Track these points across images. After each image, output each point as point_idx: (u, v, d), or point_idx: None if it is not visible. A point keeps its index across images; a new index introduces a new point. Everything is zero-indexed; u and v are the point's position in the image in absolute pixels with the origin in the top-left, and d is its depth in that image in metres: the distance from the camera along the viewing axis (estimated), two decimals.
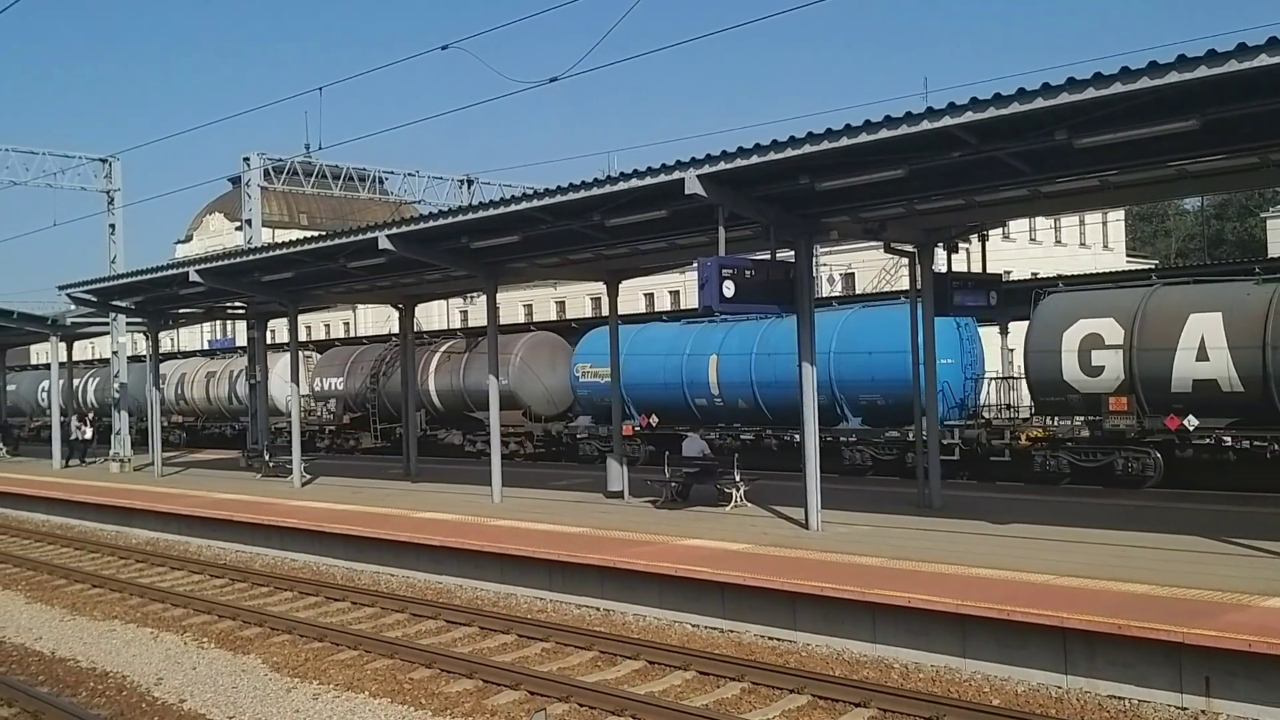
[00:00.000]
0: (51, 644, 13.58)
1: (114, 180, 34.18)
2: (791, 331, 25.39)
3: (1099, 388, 20.37)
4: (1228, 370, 18.79)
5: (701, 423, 27.37)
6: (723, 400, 27.23)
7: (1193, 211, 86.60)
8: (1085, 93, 10.72)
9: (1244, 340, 18.54)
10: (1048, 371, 20.98)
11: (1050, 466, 21.44)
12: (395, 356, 35.38)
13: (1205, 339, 19.01)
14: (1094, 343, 20.37)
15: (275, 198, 70.39)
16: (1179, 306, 19.59)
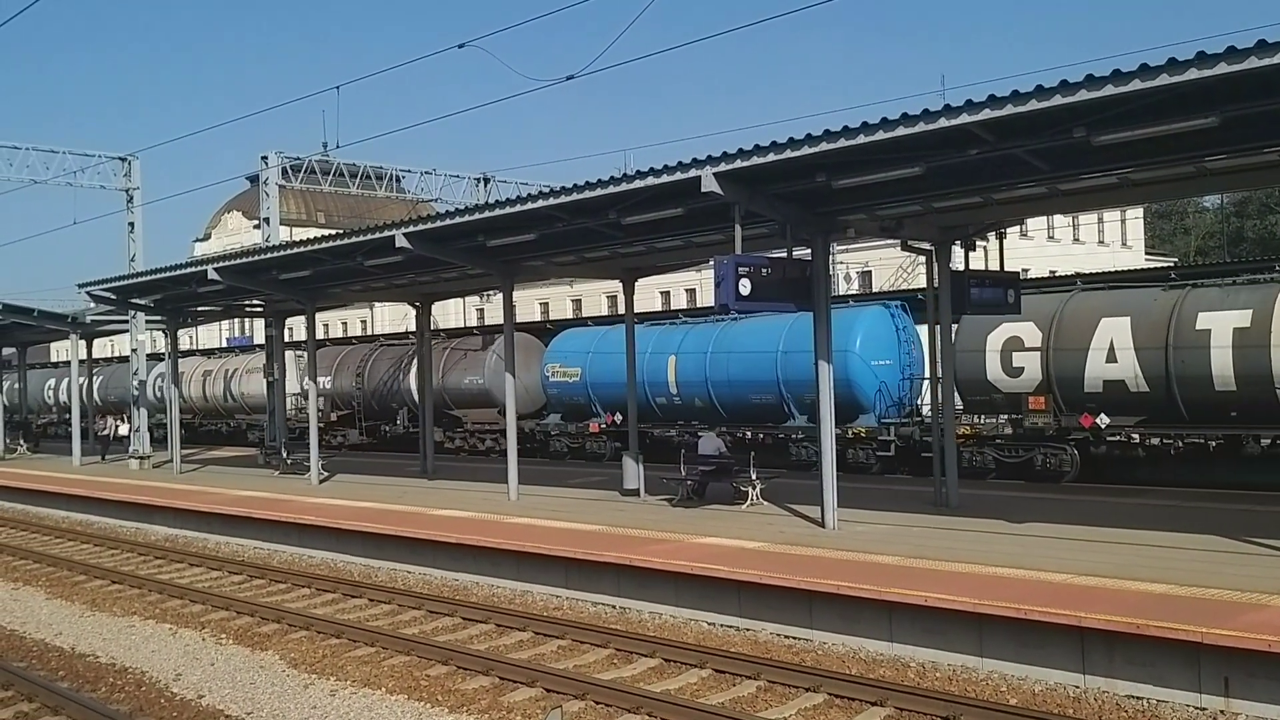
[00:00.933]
0: (71, 639, 13.68)
1: (133, 179, 34.36)
2: (743, 333, 27.85)
3: (1019, 387, 21.46)
4: (1134, 371, 19.81)
5: (662, 420, 28.58)
6: (680, 399, 28.13)
7: (1212, 209, 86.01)
8: (1104, 90, 10.66)
9: (1149, 343, 19.56)
10: (973, 372, 22.02)
11: (977, 462, 22.29)
12: (379, 356, 37.58)
13: (1114, 342, 20.01)
14: (1015, 345, 21.46)
15: (293, 196, 70.66)
16: (1092, 311, 20.57)
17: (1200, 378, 19.01)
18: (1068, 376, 20.63)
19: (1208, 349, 18.94)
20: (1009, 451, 22.06)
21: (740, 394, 26.58)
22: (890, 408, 24.71)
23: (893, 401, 24.79)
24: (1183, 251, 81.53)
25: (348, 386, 38.25)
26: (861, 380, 24.45)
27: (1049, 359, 20.87)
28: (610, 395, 29.38)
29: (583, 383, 30.39)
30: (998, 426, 22.56)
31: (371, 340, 40.99)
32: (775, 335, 25.78)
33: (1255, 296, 18.82)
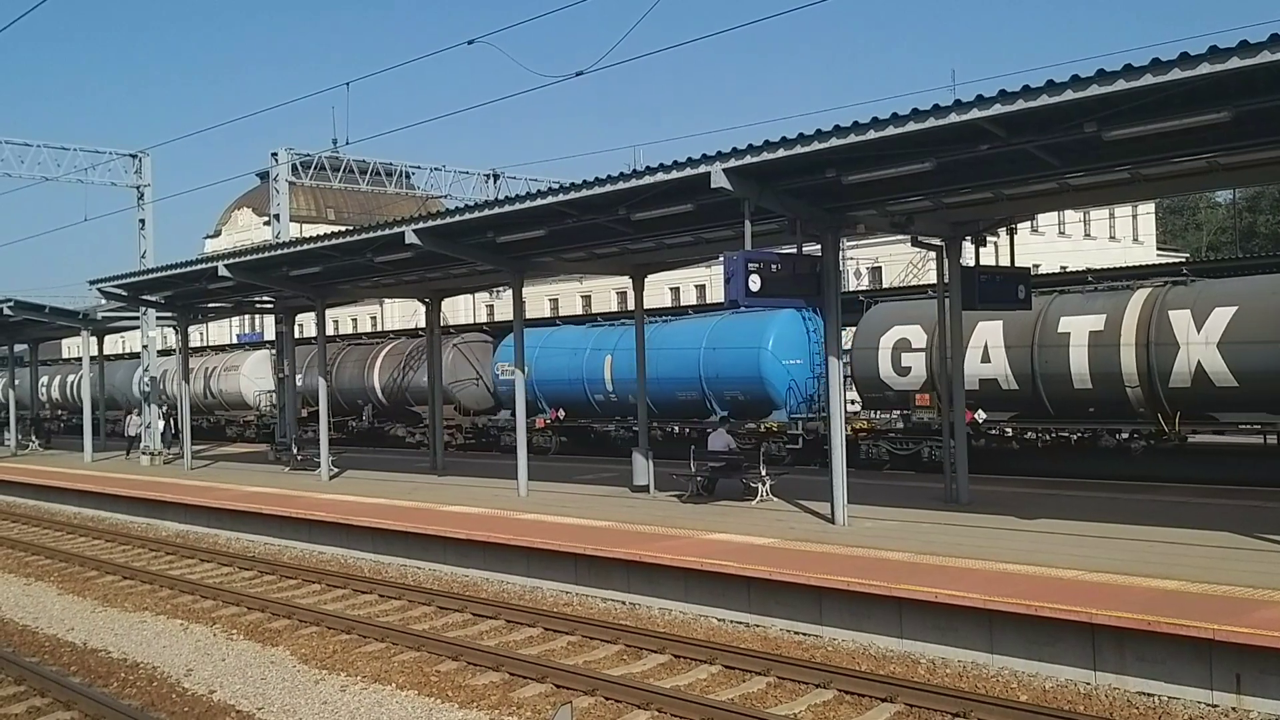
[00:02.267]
0: (83, 635, 13.73)
1: (144, 175, 34.44)
2: (672, 333, 29.29)
3: (908, 385, 23.16)
4: (1005, 370, 21.68)
5: (600, 415, 30.29)
6: (617, 395, 29.63)
7: (1224, 204, 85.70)
8: (1115, 85, 10.62)
9: (1018, 345, 21.38)
10: (868, 371, 23.87)
11: (873, 454, 23.96)
12: (346, 355, 39.52)
13: (988, 343, 21.83)
14: (904, 346, 23.27)
15: (303, 193, 70.86)
16: (970, 315, 21.05)
17: (1061, 376, 20.70)
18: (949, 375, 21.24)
19: (1067, 349, 20.63)
20: (901, 444, 23.67)
21: (668, 390, 27.96)
22: (801, 404, 26.26)
23: (803, 398, 26.34)
24: (1194, 247, 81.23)
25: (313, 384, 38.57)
26: (774, 378, 26.28)
27: (932, 359, 22.19)
28: (554, 392, 31.10)
29: (529, 381, 30.24)
30: (891, 421, 24.17)
31: (338, 340, 43.16)
32: (700, 334, 27.42)
33: (1110, 302, 20.53)
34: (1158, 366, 19.60)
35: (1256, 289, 19.07)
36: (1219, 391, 19.02)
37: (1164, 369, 19.54)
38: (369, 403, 37.59)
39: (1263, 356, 18.29)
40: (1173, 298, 19.78)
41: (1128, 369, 19.94)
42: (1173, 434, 19.72)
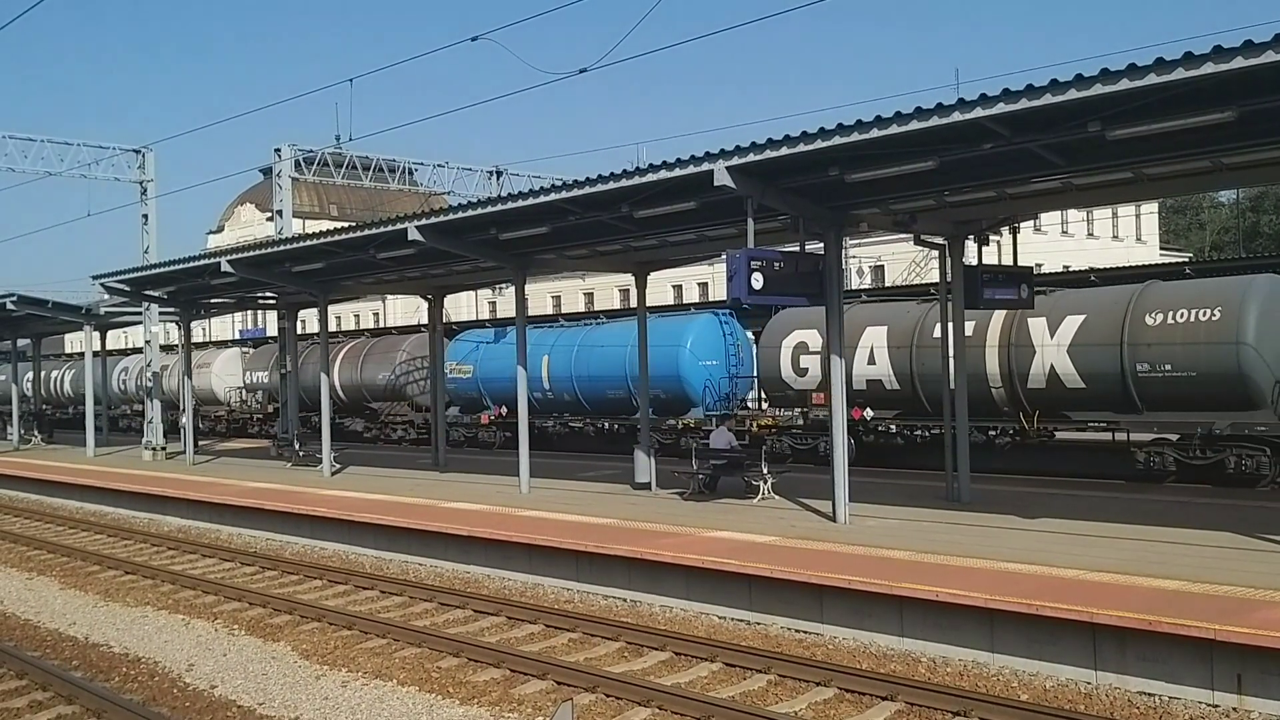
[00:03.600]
0: (85, 629, 13.75)
1: (147, 171, 34.46)
2: (603, 333, 30.49)
3: (806, 385, 25.10)
4: (888, 371, 23.55)
5: (540, 412, 31.53)
6: (552, 393, 31.47)
7: (1228, 204, 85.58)
8: (1119, 84, 10.61)
9: (899, 353, 23.27)
10: (772, 371, 25.77)
11: (778, 449, 25.43)
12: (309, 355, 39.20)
13: (874, 346, 23.70)
14: (802, 349, 25.19)
15: (306, 188, 70.82)
16: (859, 320, 24.04)
17: (936, 377, 21.24)
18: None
19: (939, 353, 21.17)
20: (801, 440, 25.48)
21: (598, 388, 29.98)
22: (717, 402, 28.21)
23: (719, 397, 28.36)
24: (1197, 246, 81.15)
25: (276, 382, 40.91)
26: (691, 377, 28.33)
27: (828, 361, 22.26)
28: (498, 389, 32.57)
29: (474, 379, 34.03)
30: (792, 418, 26.02)
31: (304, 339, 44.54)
32: (628, 335, 28.07)
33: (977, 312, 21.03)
34: (1017, 369, 21.29)
35: (1101, 299, 20.73)
36: (1070, 392, 20.73)
37: (1022, 371, 21.23)
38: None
39: (1105, 359, 20.03)
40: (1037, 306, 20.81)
41: (991, 370, 21.71)
42: (1032, 431, 21.45)
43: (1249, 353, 18.67)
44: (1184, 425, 19.67)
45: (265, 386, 42.13)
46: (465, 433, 34.66)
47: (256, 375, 43.61)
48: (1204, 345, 18.91)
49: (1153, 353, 19.48)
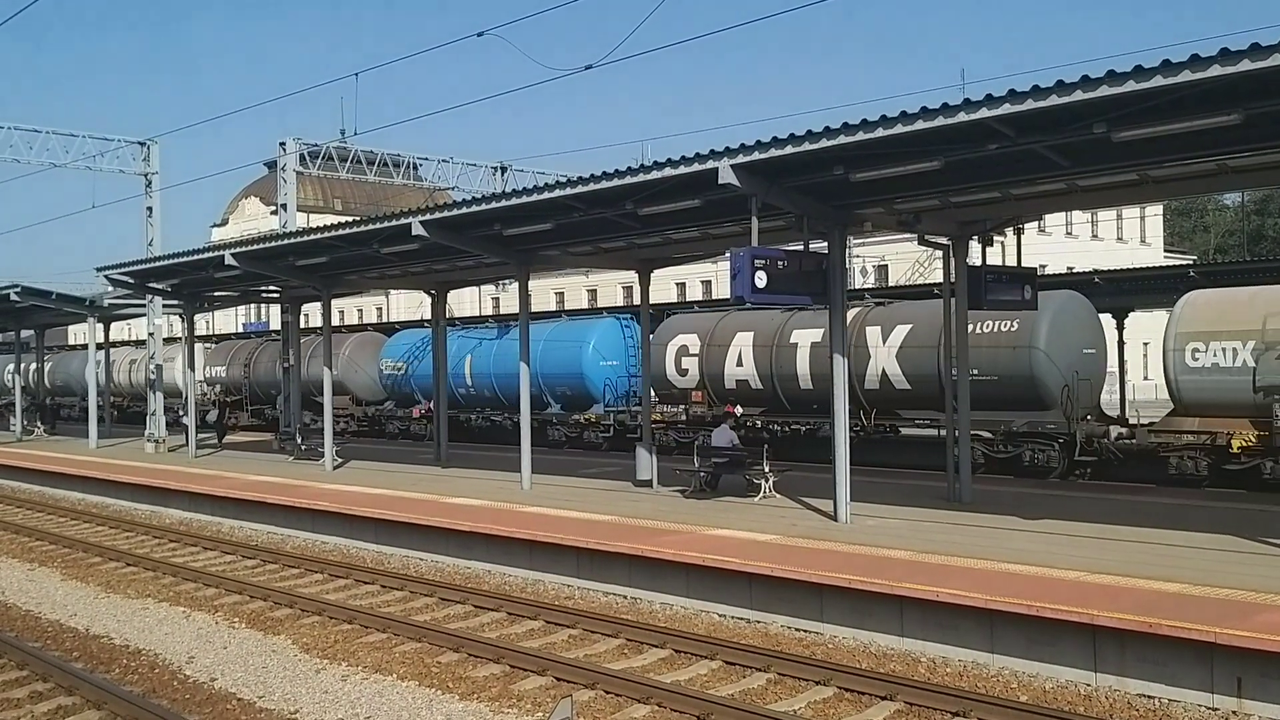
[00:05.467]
0: (86, 621, 13.77)
1: (152, 163, 34.47)
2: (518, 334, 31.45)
3: (687, 384, 27.92)
4: (753, 372, 26.13)
5: (464, 407, 34.72)
6: (474, 389, 34.40)
7: (1232, 207, 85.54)
8: (1125, 86, 10.59)
9: (762, 353, 25.80)
10: (659, 371, 27.81)
11: (664, 441, 27.29)
12: (263, 350, 43.35)
13: (742, 351, 26.30)
14: (684, 351, 27.93)
15: (310, 183, 70.91)
16: (731, 326, 26.97)
17: (791, 377, 25.25)
18: (714, 376, 27.09)
19: (795, 357, 25.18)
20: (683, 434, 27.66)
21: (513, 385, 30.56)
22: (617, 399, 30.65)
23: (618, 395, 30.80)
24: (1202, 249, 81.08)
25: (238, 376, 44.09)
26: (593, 375, 30.84)
27: (704, 363, 27.21)
28: (428, 385, 33.72)
29: (407, 375, 36.56)
30: (676, 414, 28.57)
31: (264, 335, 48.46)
32: (539, 335, 30.67)
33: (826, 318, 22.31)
34: (856, 370, 22.99)
35: (927, 310, 22.78)
36: (899, 392, 23.41)
37: (860, 373, 23.45)
38: (280, 393, 40.68)
39: (926, 364, 22.40)
40: (871, 316, 24.17)
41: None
42: (870, 428, 24.02)
43: (1040, 357, 21.15)
44: (990, 423, 21.89)
45: (223, 380, 45.07)
46: (400, 425, 37.23)
47: (215, 370, 46.33)
48: (1004, 350, 21.40)
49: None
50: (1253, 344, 18.77)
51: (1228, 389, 19.08)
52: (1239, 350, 18.88)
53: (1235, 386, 18.94)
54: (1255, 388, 18.68)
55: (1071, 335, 21.65)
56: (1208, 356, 19.24)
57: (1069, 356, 21.38)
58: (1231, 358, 18.96)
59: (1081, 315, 22.18)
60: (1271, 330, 18.60)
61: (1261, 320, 18.80)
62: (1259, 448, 18.72)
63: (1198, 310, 19.68)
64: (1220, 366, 19.14)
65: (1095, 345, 22.50)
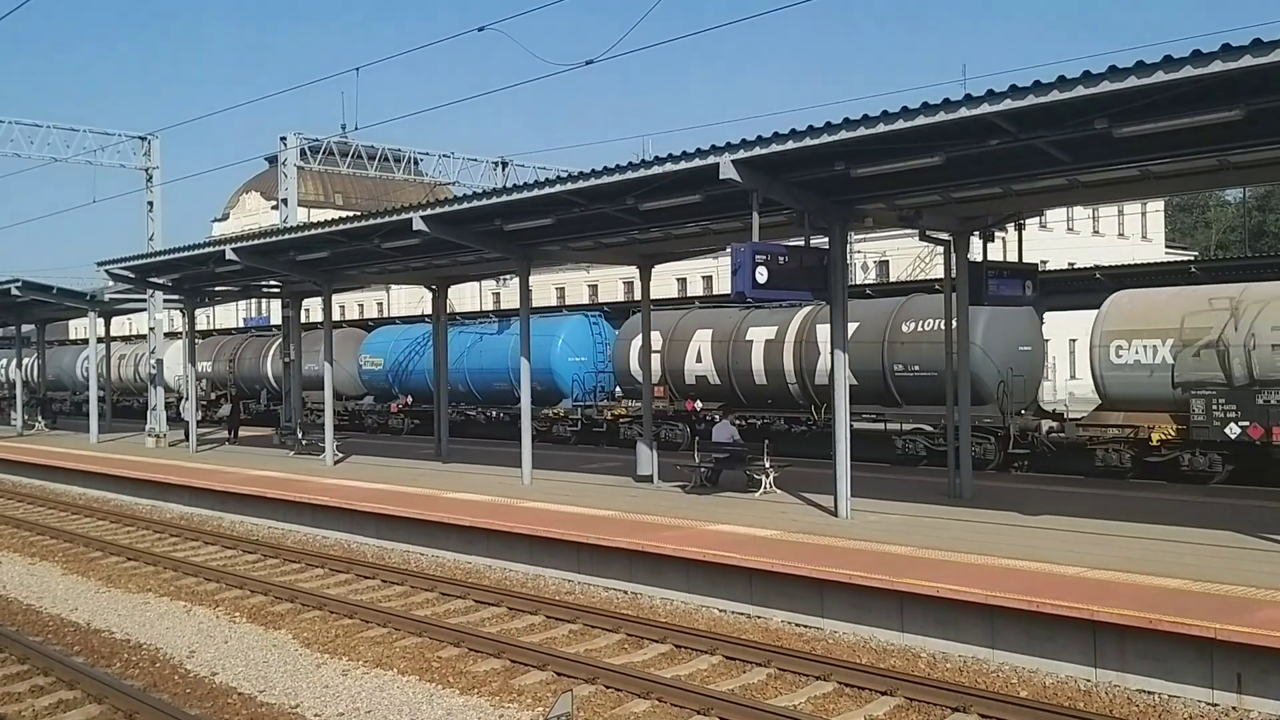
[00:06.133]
0: (87, 615, 13.79)
1: (152, 158, 34.42)
2: (495, 336, 33.81)
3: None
4: (711, 369, 27.33)
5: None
6: (451, 384, 33.21)
7: (1234, 203, 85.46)
8: (1127, 81, 10.58)
9: (720, 349, 26.96)
10: (624, 368, 29.30)
11: (627, 435, 28.88)
12: (247, 346, 45.01)
13: (701, 348, 27.65)
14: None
15: (311, 177, 70.77)
16: (691, 324, 28.40)
17: (747, 373, 26.35)
18: (676, 372, 28.32)
19: (750, 353, 26.29)
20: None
21: (487, 380, 33.78)
22: (585, 394, 31.68)
23: (586, 391, 31.83)
24: (1203, 245, 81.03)
25: (223, 371, 45.34)
26: (562, 371, 31.97)
27: (665, 359, 28.25)
28: (405, 381, 36.60)
29: (384, 371, 37.70)
30: (640, 410, 26.90)
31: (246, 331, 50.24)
32: (508, 341, 32.64)
33: (781, 317, 26.03)
34: (807, 367, 24.99)
35: (874, 309, 24.16)
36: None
37: (811, 369, 24.93)
38: (264, 388, 42.54)
39: (871, 360, 23.55)
40: (821, 315, 24.53)
41: (788, 368, 25.53)
42: (818, 421, 24.86)
43: (977, 353, 21.60)
44: (931, 417, 22.69)
45: (209, 375, 45.73)
46: (378, 419, 38.17)
47: (201, 365, 46.64)
48: (943, 347, 20.95)
49: (906, 354, 23.14)
50: (1171, 342, 19.66)
51: (1149, 385, 19.99)
52: (1159, 348, 19.85)
53: (1156, 382, 19.87)
54: (1174, 384, 19.59)
55: (1007, 333, 22.46)
56: (1130, 354, 20.23)
57: (1005, 353, 22.23)
58: (1152, 355, 19.93)
59: (1018, 313, 22.77)
60: (1189, 329, 19.50)
61: (1180, 320, 19.65)
62: (1178, 440, 19.60)
63: (1122, 310, 20.52)
64: (1142, 363, 20.09)
65: (1031, 343, 23.35)
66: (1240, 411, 18.61)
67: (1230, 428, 18.68)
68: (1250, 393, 18.61)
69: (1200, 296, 19.85)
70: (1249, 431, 18.52)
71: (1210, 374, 19.19)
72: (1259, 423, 18.39)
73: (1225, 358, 19.03)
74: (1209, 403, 18.91)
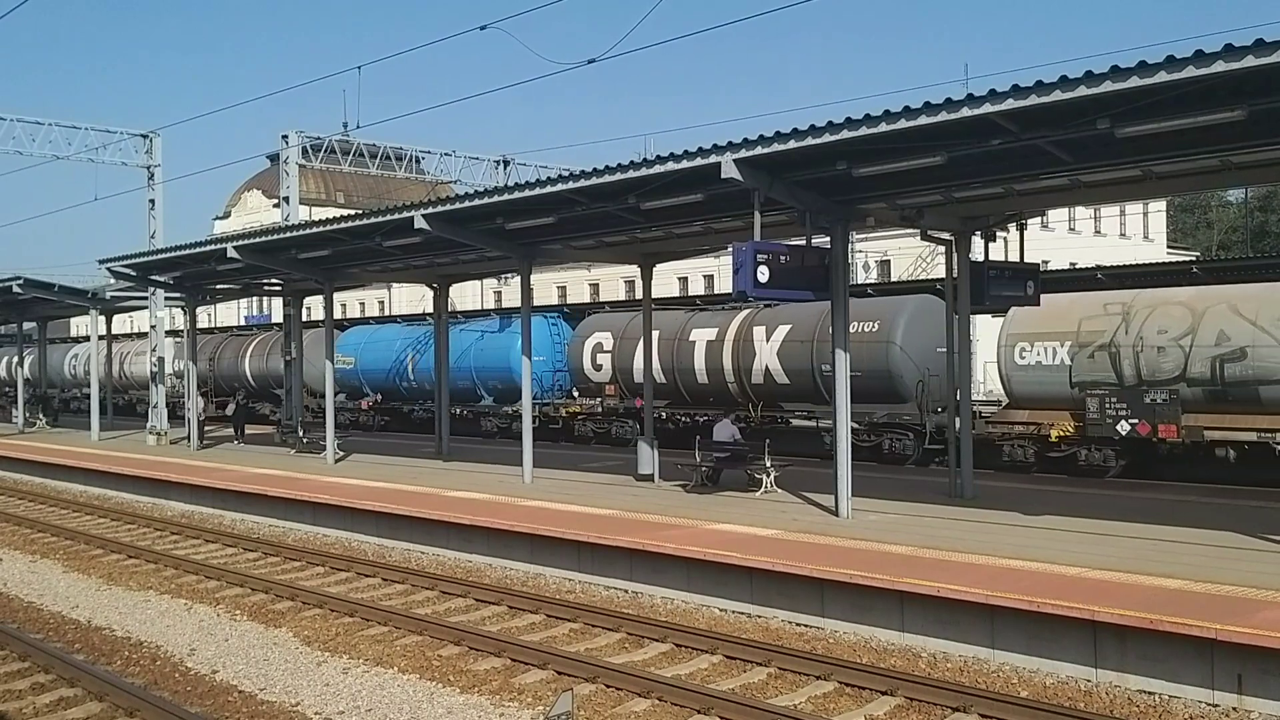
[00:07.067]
0: (88, 613, 13.79)
1: (154, 156, 34.44)
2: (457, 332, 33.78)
3: (601, 379, 30.26)
4: (657, 368, 26.74)
5: (406, 399, 37.14)
6: (417, 383, 36.21)
7: (1236, 203, 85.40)
8: (1129, 81, 10.58)
9: (666, 348, 27.80)
10: (578, 367, 30.82)
11: (582, 432, 30.44)
12: (226, 345, 46.01)
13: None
14: (599, 348, 30.25)
15: (313, 176, 70.75)
16: (640, 325, 26.88)
17: (690, 371, 27.57)
18: (625, 371, 29.24)
19: (692, 353, 27.49)
20: (599, 425, 30.37)
21: (452, 380, 33.26)
22: (544, 393, 32.48)
23: (545, 389, 32.66)
24: (1205, 245, 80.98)
25: (203, 369, 44.57)
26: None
27: (616, 359, 29.47)
28: (374, 379, 38.00)
29: (355, 369, 38.60)
30: (594, 406, 30.59)
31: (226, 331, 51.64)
32: (470, 340, 33.84)
33: (722, 319, 27.33)
34: (744, 366, 26.18)
35: (804, 311, 24.62)
36: (780, 386, 25.80)
37: (748, 369, 26.14)
38: (242, 386, 43.05)
39: (801, 360, 25.05)
40: (759, 317, 26.35)
41: (727, 368, 26.70)
42: (756, 419, 25.86)
43: (896, 352, 23.32)
44: (857, 414, 22.43)
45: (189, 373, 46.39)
46: (349, 416, 39.00)
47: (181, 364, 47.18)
48: (866, 346, 23.17)
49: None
50: (1069, 344, 20.79)
51: (1049, 384, 21.14)
52: (1058, 350, 20.95)
53: (1055, 382, 20.99)
54: (1071, 383, 20.72)
55: (927, 334, 23.10)
56: (1033, 355, 21.40)
57: (924, 354, 23.08)
58: (1052, 356, 21.04)
59: (938, 315, 23.06)
60: (1085, 332, 20.64)
61: (1077, 323, 20.77)
62: (1076, 437, 20.70)
63: (1025, 314, 21.16)
64: (1043, 364, 21.23)
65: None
66: (1130, 410, 19.67)
67: (1121, 425, 19.77)
68: (1139, 392, 19.72)
69: (1096, 302, 20.97)
70: (1138, 428, 19.59)
71: (1103, 374, 20.31)
72: (1146, 420, 19.47)
73: (1117, 359, 20.17)
74: (1102, 401, 19.96)
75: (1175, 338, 19.54)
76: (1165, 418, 19.27)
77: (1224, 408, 19.19)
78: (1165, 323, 19.73)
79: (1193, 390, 19.33)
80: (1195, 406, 19.37)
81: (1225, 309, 19.19)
